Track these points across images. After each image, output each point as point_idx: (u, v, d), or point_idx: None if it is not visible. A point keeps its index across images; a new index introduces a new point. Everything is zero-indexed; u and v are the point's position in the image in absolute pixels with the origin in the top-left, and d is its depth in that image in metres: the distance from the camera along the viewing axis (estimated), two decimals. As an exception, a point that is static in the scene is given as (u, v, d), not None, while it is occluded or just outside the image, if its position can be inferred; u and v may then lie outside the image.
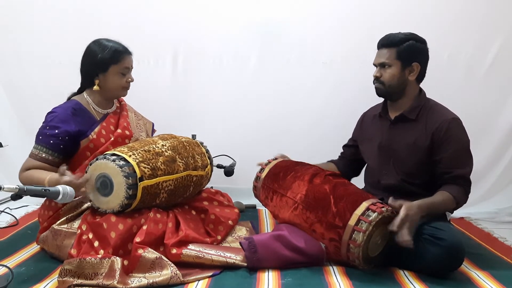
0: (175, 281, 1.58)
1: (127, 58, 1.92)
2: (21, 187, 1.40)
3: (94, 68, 1.88)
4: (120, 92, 1.96)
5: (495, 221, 2.54)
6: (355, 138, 2.20)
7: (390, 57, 1.87)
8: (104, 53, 1.86)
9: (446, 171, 1.81)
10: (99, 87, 1.90)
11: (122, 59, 1.89)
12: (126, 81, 1.93)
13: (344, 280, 1.64)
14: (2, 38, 2.72)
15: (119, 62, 1.88)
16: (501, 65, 2.66)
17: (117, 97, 2.00)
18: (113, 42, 1.90)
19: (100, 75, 1.89)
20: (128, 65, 1.93)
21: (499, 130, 2.72)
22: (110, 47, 1.87)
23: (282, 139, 2.75)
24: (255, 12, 2.71)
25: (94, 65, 1.88)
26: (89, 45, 1.91)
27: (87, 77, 1.92)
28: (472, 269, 1.78)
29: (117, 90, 1.94)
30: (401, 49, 1.85)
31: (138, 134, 2.03)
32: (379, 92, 1.94)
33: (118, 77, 1.90)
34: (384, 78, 1.89)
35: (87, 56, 1.91)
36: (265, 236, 1.79)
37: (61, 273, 1.55)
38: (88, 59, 1.90)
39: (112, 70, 1.88)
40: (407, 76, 1.88)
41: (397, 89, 1.89)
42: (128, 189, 1.66)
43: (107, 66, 1.87)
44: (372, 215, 1.64)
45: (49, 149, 1.80)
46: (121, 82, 1.92)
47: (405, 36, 1.87)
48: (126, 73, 1.92)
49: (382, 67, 1.89)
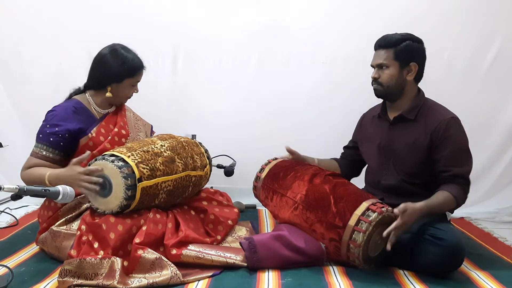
0: (175, 281, 1.58)
1: (142, 73, 1.98)
2: (21, 187, 1.40)
3: (109, 78, 1.91)
4: (124, 101, 2.05)
5: (495, 221, 2.54)
6: (355, 139, 2.19)
7: (388, 58, 1.86)
8: (122, 67, 1.90)
9: (445, 170, 1.81)
10: (111, 93, 1.93)
11: (138, 74, 1.96)
12: (132, 93, 2.00)
13: (344, 280, 1.64)
14: (2, 38, 2.72)
15: (135, 76, 1.95)
16: (501, 65, 2.66)
17: (119, 103, 2.04)
18: (131, 54, 1.94)
19: (114, 85, 1.92)
20: (140, 79, 1.99)
21: (499, 130, 2.72)
22: (129, 62, 1.91)
23: (282, 139, 2.72)
24: (255, 12, 2.71)
25: (110, 75, 1.91)
26: (105, 53, 1.92)
27: (99, 83, 1.94)
28: (472, 269, 1.78)
29: (123, 99, 2.02)
30: (398, 50, 1.85)
31: (136, 134, 2.03)
32: (378, 93, 1.93)
33: (129, 89, 1.97)
34: (382, 79, 1.89)
35: (103, 65, 1.92)
36: (265, 236, 1.79)
37: (61, 273, 1.55)
38: (104, 69, 1.91)
39: (126, 82, 1.93)
40: (405, 76, 1.88)
41: (396, 89, 1.89)
42: (127, 190, 1.66)
43: (122, 78, 1.91)
44: (372, 215, 1.64)
45: (50, 147, 1.81)
46: (129, 93, 1.99)
47: (402, 37, 1.86)
48: (135, 85, 1.99)
49: (380, 68, 1.89)
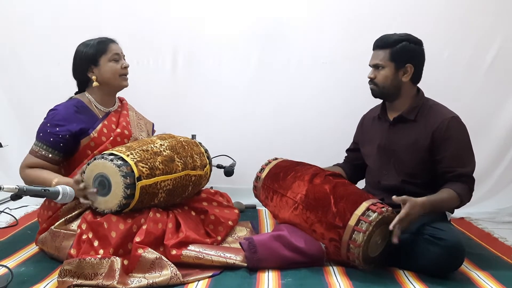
0: (175, 281, 1.58)
1: (113, 46, 1.92)
2: (20, 187, 1.40)
3: (85, 64, 1.89)
4: (119, 81, 1.93)
5: (495, 221, 2.53)
6: (357, 141, 2.19)
7: (384, 58, 1.86)
8: (89, 48, 1.88)
9: (449, 170, 1.80)
10: (98, 82, 1.90)
11: (108, 48, 1.90)
12: (121, 67, 1.92)
13: (344, 280, 1.64)
14: (2, 38, 2.72)
15: (107, 51, 1.89)
16: (501, 65, 2.66)
17: (119, 88, 1.96)
18: (97, 38, 1.93)
19: (95, 70, 1.89)
20: (117, 51, 1.93)
21: (499, 130, 2.72)
22: (93, 41, 1.90)
23: (282, 139, 2.75)
24: (255, 12, 2.70)
25: (84, 61, 1.89)
26: (76, 50, 1.93)
27: (82, 76, 1.92)
28: (472, 269, 1.78)
29: (115, 79, 1.91)
30: (394, 51, 1.85)
31: (138, 134, 2.02)
32: (374, 93, 1.94)
33: (112, 65, 1.90)
34: (377, 79, 1.89)
35: (75, 58, 1.93)
36: (265, 236, 1.79)
37: (61, 273, 1.55)
38: (77, 60, 1.92)
39: (103, 60, 1.89)
40: (400, 77, 1.87)
41: (391, 90, 1.89)
42: (126, 189, 1.66)
43: (96, 58, 1.88)
44: (372, 215, 1.64)
45: (49, 147, 1.80)
46: (116, 69, 1.91)
47: (399, 37, 1.86)
48: (118, 59, 1.92)
49: (376, 69, 1.89)
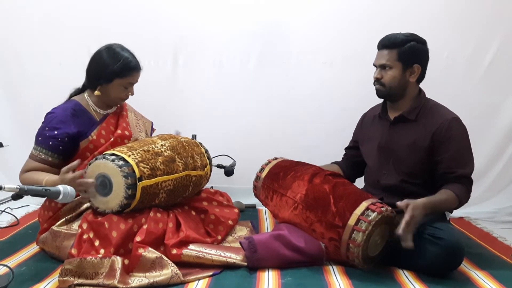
0: (175, 280, 1.58)
1: (135, 75, 1.90)
2: (21, 187, 1.41)
3: (100, 77, 1.87)
4: (118, 102, 1.98)
5: (494, 221, 2.54)
6: (356, 139, 2.19)
7: (391, 58, 1.85)
8: (113, 66, 1.84)
9: (449, 171, 1.80)
10: (100, 92, 1.89)
11: (129, 75, 1.87)
12: (126, 95, 1.93)
13: (343, 279, 1.64)
14: (2, 38, 2.72)
15: (125, 77, 1.87)
16: (500, 65, 2.66)
17: (114, 105, 2.00)
18: (127, 53, 1.88)
19: (104, 84, 1.87)
20: (133, 81, 1.91)
21: (498, 130, 2.72)
22: (122, 61, 1.84)
23: (282, 139, 2.75)
24: (255, 13, 2.70)
25: (101, 73, 1.86)
26: (102, 51, 1.88)
27: (91, 81, 1.91)
28: (471, 268, 1.79)
29: (113, 100, 1.95)
30: (402, 51, 1.84)
31: (138, 134, 2.03)
32: (380, 94, 1.93)
33: (120, 90, 1.90)
34: (385, 79, 1.88)
35: (97, 62, 1.88)
36: (265, 236, 1.79)
37: (62, 273, 1.55)
38: (97, 66, 1.88)
39: (116, 82, 1.87)
40: (408, 77, 1.87)
41: (398, 90, 1.88)
42: (127, 189, 1.66)
43: (112, 78, 1.86)
44: (371, 214, 1.64)
45: (49, 150, 1.80)
46: (121, 95, 1.92)
47: (406, 37, 1.84)
48: (129, 87, 1.92)
49: (383, 69, 1.88)
